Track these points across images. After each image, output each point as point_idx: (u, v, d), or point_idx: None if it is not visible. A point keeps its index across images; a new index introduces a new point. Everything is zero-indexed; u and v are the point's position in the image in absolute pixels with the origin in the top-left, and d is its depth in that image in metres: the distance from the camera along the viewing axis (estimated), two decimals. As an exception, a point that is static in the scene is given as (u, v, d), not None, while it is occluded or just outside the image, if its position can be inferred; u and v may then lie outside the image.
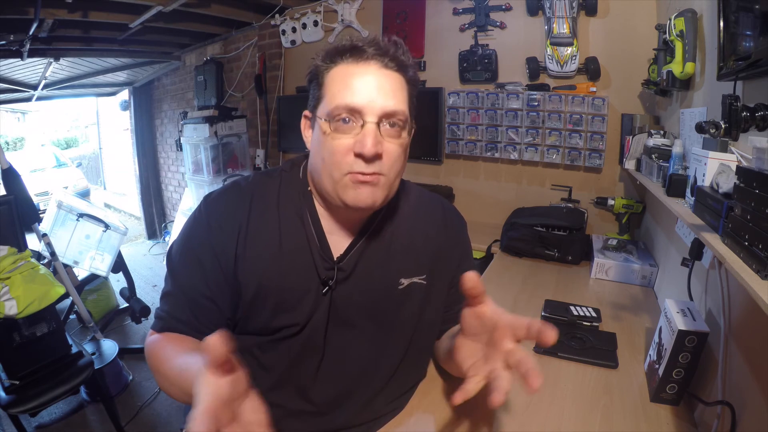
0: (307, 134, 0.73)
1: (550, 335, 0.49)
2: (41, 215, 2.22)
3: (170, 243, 0.76)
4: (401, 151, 0.67)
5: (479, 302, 0.58)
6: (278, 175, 0.76)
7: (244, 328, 0.73)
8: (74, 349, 1.63)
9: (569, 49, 1.87)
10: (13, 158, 2.52)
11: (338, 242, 0.74)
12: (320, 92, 0.67)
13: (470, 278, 0.56)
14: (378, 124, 0.63)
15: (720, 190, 0.65)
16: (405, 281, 0.77)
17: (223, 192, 0.75)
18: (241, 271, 0.70)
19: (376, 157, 0.63)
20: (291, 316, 0.71)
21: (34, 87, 3.92)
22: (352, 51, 0.65)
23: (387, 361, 0.77)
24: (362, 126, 0.63)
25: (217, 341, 0.41)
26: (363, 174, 0.63)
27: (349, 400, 0.74)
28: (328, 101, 0.65)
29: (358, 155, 0.63)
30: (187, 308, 0.70)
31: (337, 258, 0.73)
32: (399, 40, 0.67)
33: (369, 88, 0.63)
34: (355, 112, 0.63)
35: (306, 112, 0.72)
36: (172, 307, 0.71)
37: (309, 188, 0.74)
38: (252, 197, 0.73)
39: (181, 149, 3.66)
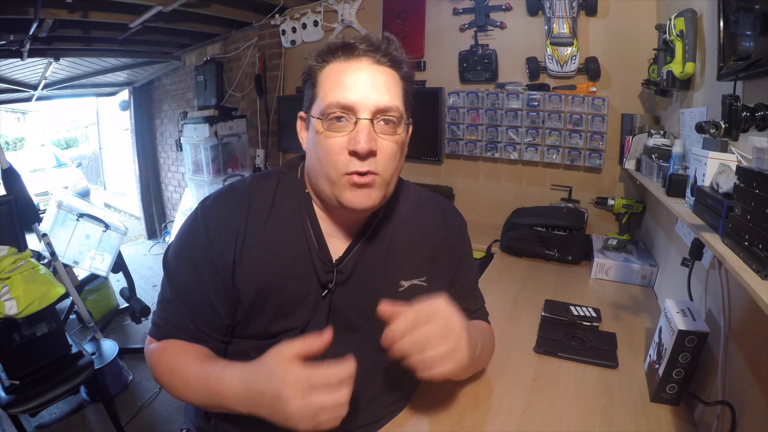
0: (303, 135, 0.72)
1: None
2: (41, 215, 2.21)
3: (167, 246, 0.76)
4: (397, 149, 0.66)
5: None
6: (276, 177, 0.75)
7: (242, 332, 0.73)
8: (74, 349, 1.63)
9: (569, 49, 1.87)
10: (13, 158, 2.52)
11: (337, 244, 0.73)
12: (314, 92, 0.66)
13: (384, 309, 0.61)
14: (371, 120, 0.63)
15: (720, 190, 0.65)
16: (405, 283, 0.76)
17: (220, 196, 0.73)
18: (240, 277, 0.69)
19: (371, 154, 0.62)
20: (290, 321, 0.70)
21: (34, 87, 3.92)
22: (343, 48, 0.64)
23: (388, 364, 0.77)
24: (355, 123, 0.62)
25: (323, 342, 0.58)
26: (359, 175, 0.63)
27: (349, 404, 0.74)
28: (321, 100, 0.64)
29: (353, 153, 0.62)
30: (185, 315, 0.69)
31: (336, 260, 0.72)
32: (392, 36, 0.66)
33: (361, 85, 0.62)
34: (347, 109, 0.62)
35: (301, 113, 0.71)
36: (169, 314, 0.70)
37: (307, 190, 0.73)
38: (249, 201, 0.71)
39: (181, 149, 3.66)
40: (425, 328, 0.60)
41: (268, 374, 0.57)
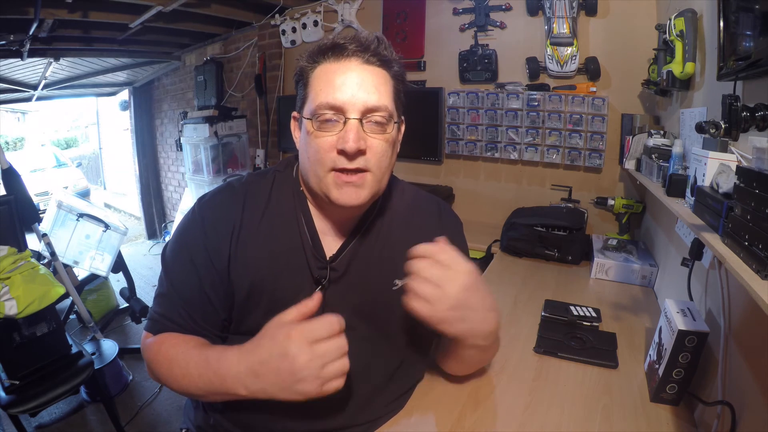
0: (296, 135, 0.73)
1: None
2: (41, 215, 2.21)
3: (165, 243, 0.77)
4: (387, 147, 0.67)
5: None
6: (272, 175, 0.77)
7: (237, 328, 0.73)
8: (74, 349, 1.63)
9: (569, 49, 1.87)
10: (13, 158, 2.52)
11: (331, 242, 0.74)
12: (305, 92, 0.68)
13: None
14: (360, 120, 0.64)
15: (720, 190, 0.65)
16: (399, 282, 0.76)
17: (217, 193, 0.75)
18: (234, 272, 0.70)
19: (359, 153, 0.63)
20: None
21: (34, 87, 3.92)
22: (333, 49, 0.65)
23: (384, 362, 0.77)
24: (345, 123, 0.63)
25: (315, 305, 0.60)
26: (347, 173, 0.64)
27: (347, 401, 0.74)
28: (312, 101, 0.65)
29: (341, 152, 0.63)
30: (182, 309, 0.70)
31: (330, 258, 0.73)
32: (381, 35, 0.67)
33: (350, 85, 0.63)
34: (337, 110, 0.63)
35: (294, 113, 0.73)
36: (166, 308, 0.71)
37: (301, 188, 0.74)
38: (245, 198, 0.73)
39: (181, 149, 3.66)
40: (437, 268, 0.61)
41: (270, 338, 0.59)
